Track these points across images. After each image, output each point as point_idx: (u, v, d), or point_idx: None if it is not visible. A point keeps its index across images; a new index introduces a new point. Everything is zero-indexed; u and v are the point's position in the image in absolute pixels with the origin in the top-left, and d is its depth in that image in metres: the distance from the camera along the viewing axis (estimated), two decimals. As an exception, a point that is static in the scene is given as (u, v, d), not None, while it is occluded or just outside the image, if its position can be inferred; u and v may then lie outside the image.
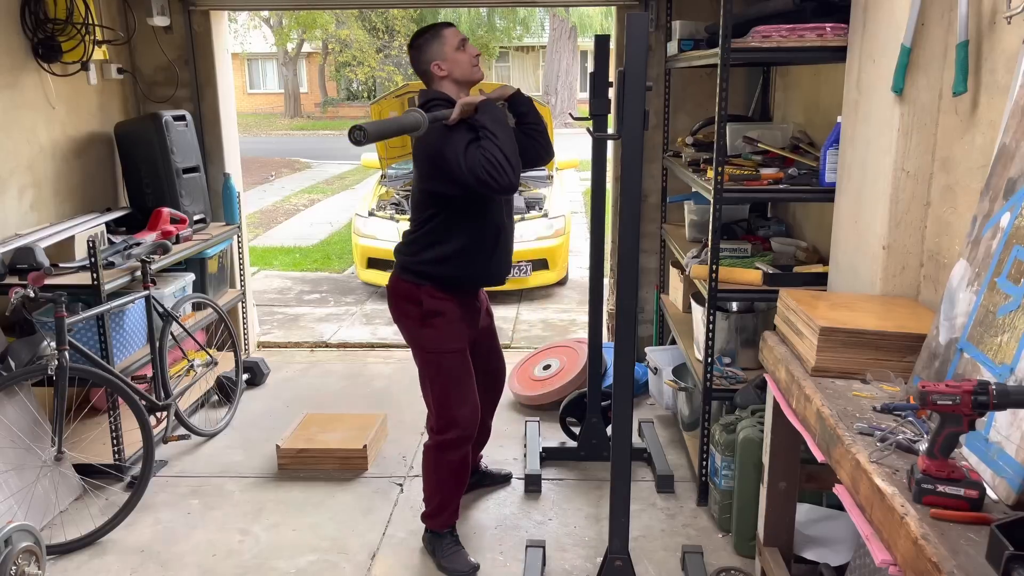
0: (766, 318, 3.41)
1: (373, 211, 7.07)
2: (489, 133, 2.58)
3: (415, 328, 2.89)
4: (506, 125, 2.67)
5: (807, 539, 2.73)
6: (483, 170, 2.51)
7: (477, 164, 2.52)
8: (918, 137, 2.40)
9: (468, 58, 2.77)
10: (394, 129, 2.34)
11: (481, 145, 2.56)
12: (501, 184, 2.55)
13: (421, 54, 2.77)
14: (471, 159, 2.53)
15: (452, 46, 2.75)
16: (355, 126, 2.11)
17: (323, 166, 17.43)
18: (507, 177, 2.54)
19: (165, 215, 4.09)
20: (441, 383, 2.89)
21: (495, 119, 2.63)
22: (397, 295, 2.92)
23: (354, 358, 5.30)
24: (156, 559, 3.02)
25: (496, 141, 2.56)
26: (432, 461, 2.96)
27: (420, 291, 2.84)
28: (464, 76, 2.77)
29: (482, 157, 2.52)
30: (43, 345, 3.23)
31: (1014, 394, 1.45)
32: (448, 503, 3.00)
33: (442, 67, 2.75)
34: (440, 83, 2.77)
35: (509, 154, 2.56)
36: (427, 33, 2.78)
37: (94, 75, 4.27)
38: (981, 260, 1.87)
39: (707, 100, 4.14)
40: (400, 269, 2.90)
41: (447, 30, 2.77)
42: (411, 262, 2.86)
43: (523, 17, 26.57)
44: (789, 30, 2.91)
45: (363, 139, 2.12)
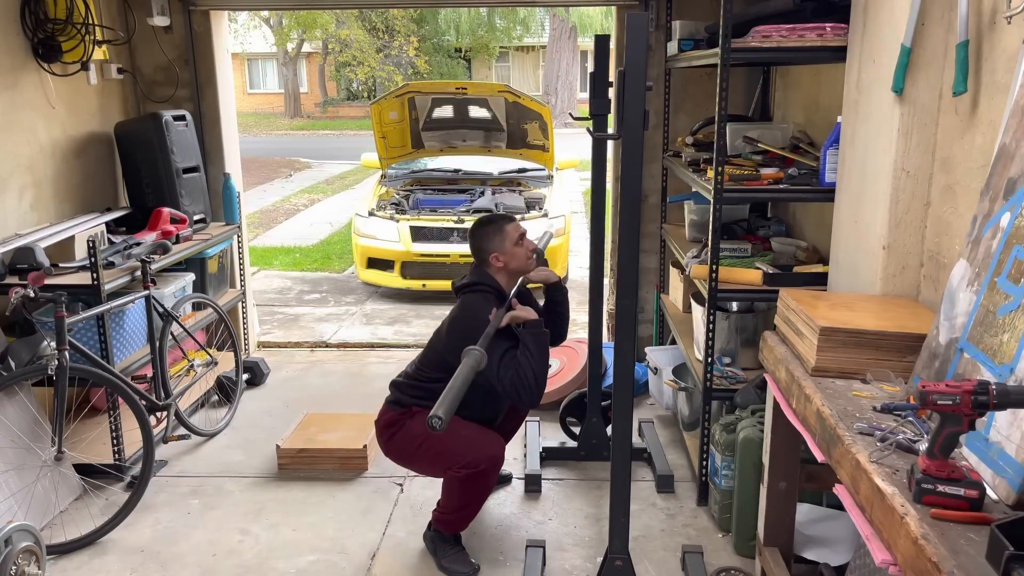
0: (766, 318, 3.41)
1: (373, 211, 7.07)
2: (529, 353, 2.76)
3: (415, 440, 2.90)
4: (546, 349, 2.85)
5: (807, 539, 2.73)
6: (511, 385, 2.73)
7: (509, 377, 2.73)
8: (918, 137, 2.40)
9: (525, 252, 2.97)
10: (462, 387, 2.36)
11: (518, 360, 2.75)
12: (524, 402, 2.77)
13: (482, 243, 2.96)
14: (506, 369, 2.73)
15: (512, 241, 2.94)
16: (432, 415, 2.21)
17: (323, 166, 17.43)
18: (532, 398, 2.76)
19: (165, 215, 4.09)
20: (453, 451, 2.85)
21: (538, 342, 2.81)
22: (386, 426, 2.97)
23: (354, 358, 5.30)
24: (156, 559, 3.02)
25: (532, 363, 2.75)
26: (463, 484, 2.88)
27: (408, 412, 2.92)
28: (519, 269, 2.98)
29: (515, 373, 2.73)
30: (43, 345, 3.23)
31: (1014, 394, 1.45)
32: (469, 517, 3.00)
33: (500, 259, 2.94)
34: (496, 272, 2.97)
35: (539, 377, 2.77)
36: (490, 226, 2.97)
37: (94, 75, 4.27)
38: (981, 260, 1.87)
39: (707, 100, 4.14)
40: (391, 402, 3.00)
41: (509, 226, 2.95)
42: (403, 398, 2.96)
43: (523, 17, 26.59)
44: (789, 30, 2.91)
45: (443, 425, 2.23)
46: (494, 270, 2.96)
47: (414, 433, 2.88)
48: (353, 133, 23.46)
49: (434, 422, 2.22)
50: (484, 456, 2.84)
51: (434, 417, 2.22)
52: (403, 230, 6.73)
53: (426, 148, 7.56)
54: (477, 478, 2.85)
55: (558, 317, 3.17)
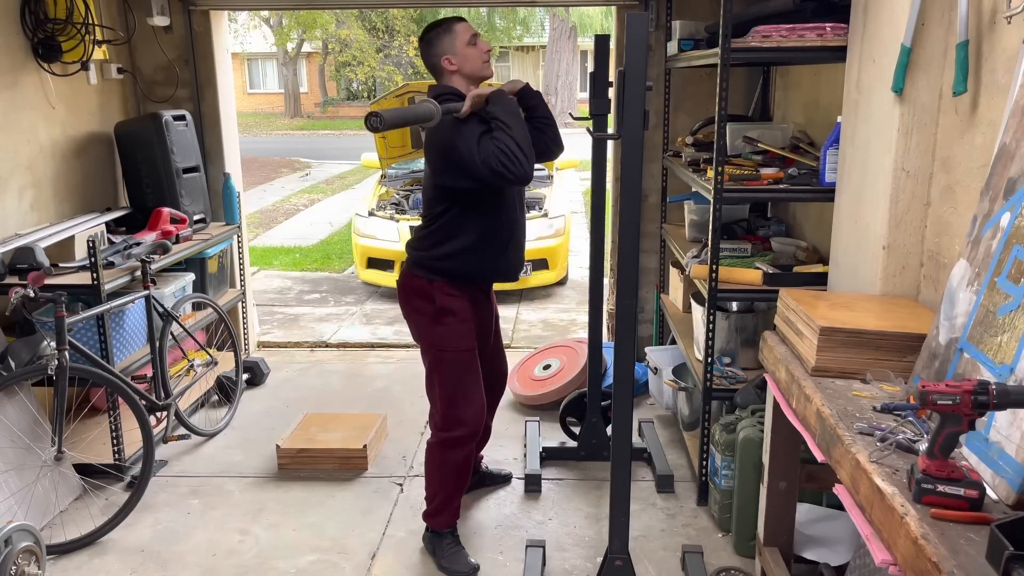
0: (766, 318, 3.41)
1: (373, 211, 7.07)
2: (502, 124, 2.57)
3: (426, 325, 2.88)
4: (519, 116, 2.67)
5: (807, 539, 2.73)
6: (497, 161, 2.52)
7: (491, 155, 2.52)
8: (918, 137, 2.40)
9: (479, 53, 2.77)
10: (409, 117, 2.35)
11: (495, 136, 2.56)
12: (516, 174, 2.55)
13: (431, 47, 2.77)
14: (484, 151, 2.53)
15: (463, 41, 2.75)
16: (372, 112, 2.14)
17: (323, 166, 17.43)
18: (521, 167, 2.54)
19: (165, 215, 4.09)
20: (449, 382, 2.88)
21: (508, 110, 2.62)
22: (409, 291, 2.90)
23: (354, 358, 5.30)
24: (156, 559, 3.02)
25: (509, 132, 2.56)
26: (436, 459, 2.96)
27: (432, 287, 2.82)
28: (474, 71, 2.78)
29: (496, 148, 2.52)
30: (43, 345, 3.23)
31: (1014, 394, 1.45)
32: (450, 502, 2.99)
33: (452, 61, 2.75)
34: (450, 78, 2.77)
35: (523, 144, 2.56)
36: (439, 27, 2.77)
37: (94, 75, 4.27)
38: (981, 260, 1.87)
39: (707, 100, 4.14)
40: (412, 264, 2.88)
41: (459, 24, 2.76)
42: (424, 257, 2.84)
43: (523, 17, 26.58)
44: (789, 30, 2.91)
45: (380, 125, 2.14)
46: (448, 76, 2.76)
47: (429, 330, 2.86)
48: (353, 133, 23.45)
49: (372, 120, 2.12)
50: (462, 418, 2.86)
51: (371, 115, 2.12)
52: (403, 230, 6.73)
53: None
54: (449, 446, 2.88)
55: (541, 122, 2.88)
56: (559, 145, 2.96)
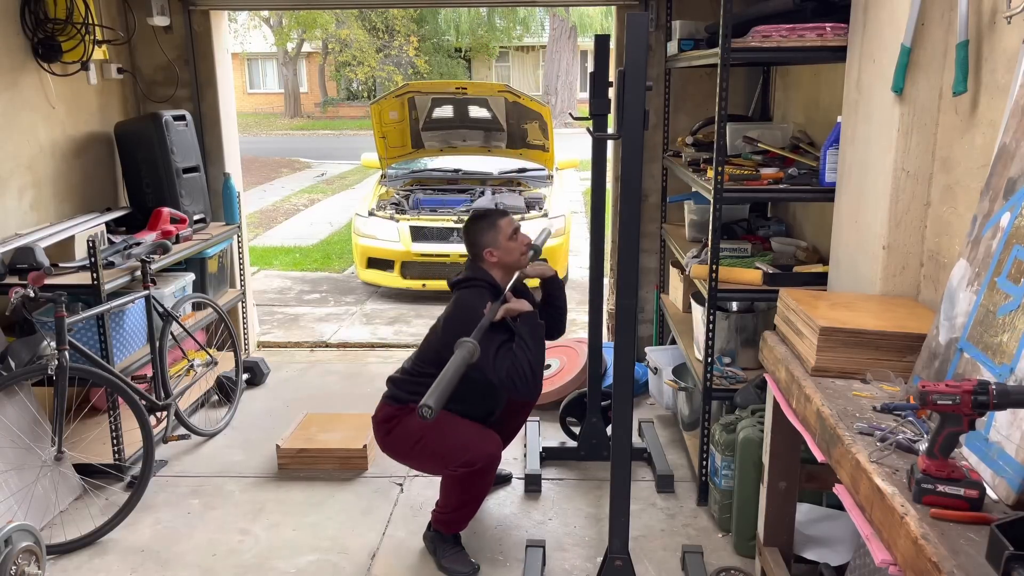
0: (766, 318, 3.41)
1: (373, 211, 7.07)
2: (525, 344, 2.77)
3: (411, 443, 2.89)
4: (541, 339, 2.86)
5: (807, 539, 2.73)
6: (508, 377, 2.73)
7: (505, 368, 2.72)
8: (918, 137, 2.40)
9: (519, 247, 2.96)
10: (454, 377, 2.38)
11: (514, 352, 2.75)
12: (521, 393, 2.79)
13: (475, 238, 2.96)
14: (501, 361, 2.73)
15: (506, 235, 2.93)
16: (422, 404, 2.23)
17: (323, 166, 17.43)
18: (529, 389, 2.77)
19: (165, 215, 4.09)
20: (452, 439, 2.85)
21: (533, 333, 2.81)
22: (384, 421, 2.97)
23: (354, 358, 5.30)
24: (156, 559, 3.02)
25: (528, 355, 2.75)
26: (461, 483, 2.88)
27: (405, 407, 2.90)
28: (513, 263, 2.98)
29: (512, 365, 2.73)
30: (43, 345, 3.23)
31: (1014, 394, 1.45)
32: (469, 516, 3.00)
33: (494, 254, 2.94)
34: (490, 267, 2.96)
35: (536, 368, 2.77)
36: (483, 221, 2.95)
37: (94, 75, 4.27)
38: (981, 260, 1.87)
39: (707, 100, 4.14)
40: (387, 398, 3.00)
41: (502, 220, 2.94)
42: (400, 394, 2.95)
43: (523, 17, 26.59)
44: (789, 30, 2.91)
45: (432, 415, 2.24)
46: (488, 265, 2.95)
47: (411, 429, 2.87)
48: (353, 133, 23.46)
49: (424, 411, 2.22)
50: (481, 454, 2.83)
51: (424, 406, 2.22)
52: (403, 230, 6.73)
53: (426, 148, 7.56)
54: (474, 477, 2.85)
55: (555, 311, 3.16)
56: (561, 332, 3.22)
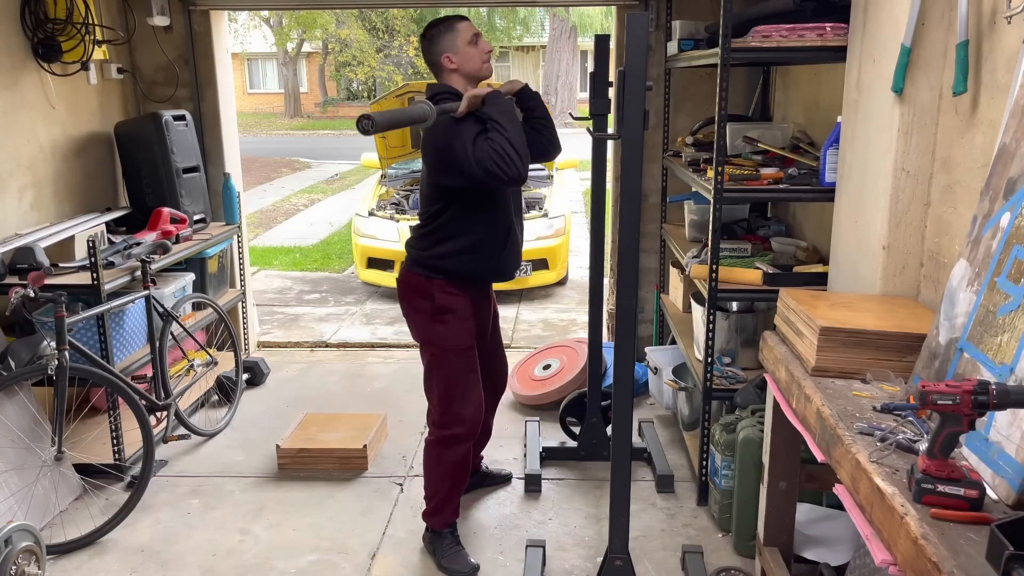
0: (766, 318, 3.41)
1: (373, 211, 7.07)
2: (497, 125, 2.57)
3: (425, 323, 2.88)
4: (514, 117, 2.67)
5: (807, 539, 2.73)
6: (491, 162, 2.52)
7: (485, 156, 2.52)
8: (918, 137, 2.40)
9: (479, 53, 2.77)
10: (402, 119, 2.34)
11: (489, 137, 2.56)
12: (510, 175, 2.55)
13: (432, 45, 2.77)
14: (479, 151, 2.53)
15: (464, 40, 2.75)
16: (363, 115, 2.12)
17: (323, 166, 17.42)
18: (516, 168, 2.55)
19: (165, 215, 4.09)
20: (448, 380, 2.88)
21: (503, 111, 2.62)
22: (408, 289, 2.91)
23: (354, 358, 5.30)
24: (156, 559, 3.02)
25: (504, 133, 2.56)
26: (434, 457, 2.96)
27: (432, 285, 2.83)
28: (474, 71, 2.78)
29: (490, 149, 2.53)
30: (43, 345, 3.23)
31: (1014, 394, 1.45)
32: (449, 500, 2.99)
33: (452, 60, 2.75)
34: (449, 76, 2.77)
35: (517, 145, 2.56)
36: (441, 24, 2.76)
37: (94, 75, 4.27)
38: (981, 260, 1.87)
39: (707, 100, 4.14)
40: (411, 262, 2.89)
41: (461, 23, 2.76)
42: (423, 256, 2.84)
43: (523, 17, 26.58)
44: (789, 30, 2.91)
45: (371, 128, 2.13)
46: (448, 75, 2.76)
47: (429, 327, 2.85)
48: (353, 133, 23.43)
49: (364, 123, 2.12)
50: (460, 416, 2.86)
51: (363, 117, 2.12)
52: (403, 230, 6.73)
53: (426, 148, 7.55)
54: (447, 443, 2.88)
55: (540, 123, 2.90)
56: (556, 146, 2.96)
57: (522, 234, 2.99)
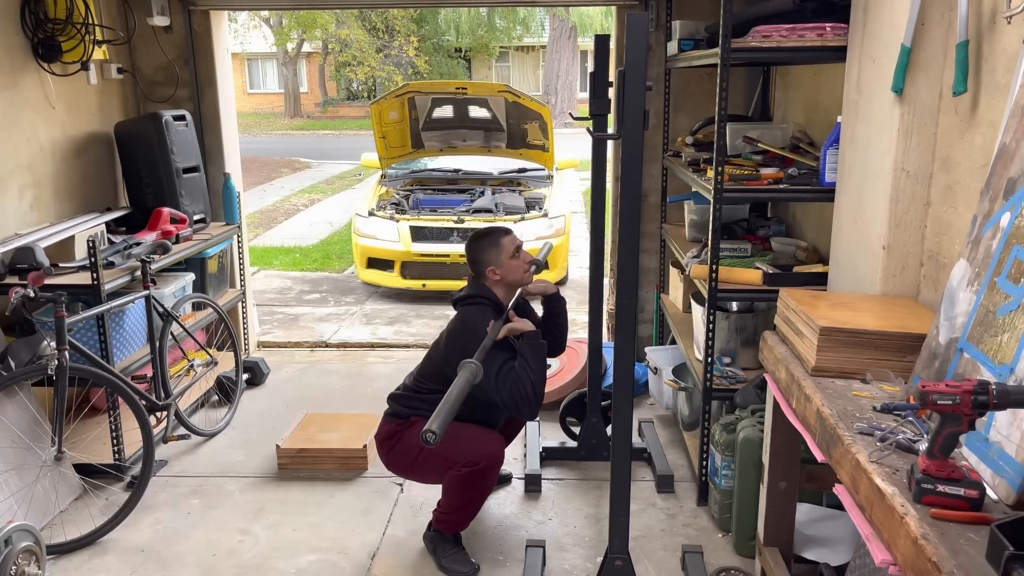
0: (766, 318, 3.41)
1: (373, 211, 7.07)
2: (527, 365, 2.78)
3: (414, 455, 2.89)
4: (543, 359, 2.87)
5: (807, 539, 2.73)
6: (510, 397, 2.74)
7: (507, 389, 2.74)
8: (918, 137, 2.40)
9: (522, 265, 2.97)
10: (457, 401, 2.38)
11: (516, 373, 2.76)
12: (523, 414, 2.79)
13: (478, 256, 2.96)
14: (503, 382, 2.74)
15: (508, 254, 2.94)
16: (426, 430, 2.23)
17: (323, 166, 17.43)
18: (531, 410, 2.77)
19: (165, 215, 4.09)
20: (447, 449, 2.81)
21: (536, 353, 2.82)
22: (387, 438, 2.97)
23: (354, 358, 5.30)
24: (156, 559, 3.02)
25: (530, 375, 2.76)
26: (464, 483, 2.87)
27: (407, 422, 2.91)
28: (516, 281, 2.98)
29: (514, 387, 2.74)
30: (43, 345, 3.23)
31: (1014, 394, 1.45)
32: (469, 516, 3.00)
33: (497, 272, 2.94)
34: (493, 285, 2.97)
35: (538, 388, 2.78)
36: (486, 239, 2.96)
37: (94, 75, 4.27)
38: (981, 260, 1.87)
39: (707, 100, 4.14)
40: (389, 415, 3.00)
41: (505, 239, 2.95)
42: (402, 410, 2.97)
43: (523, 17, 26.59)
44: (789, 30, 2.91)
45: (437, 439, 2.24)
46: (491, 283, 2.96)
47: (414, 442, 2.86)
48: (353, 133, 23.47)
49: (428, 436, 2.23)
50: (485, 454, 2.84)
51: (428, 432, 2.23)
52: (403, 230, 6.73)
53: (426, 148, 7.56)
54: (478, 476, 2.85)
55: (556, 328, 3.19)
56: (561, 349, 3.26)
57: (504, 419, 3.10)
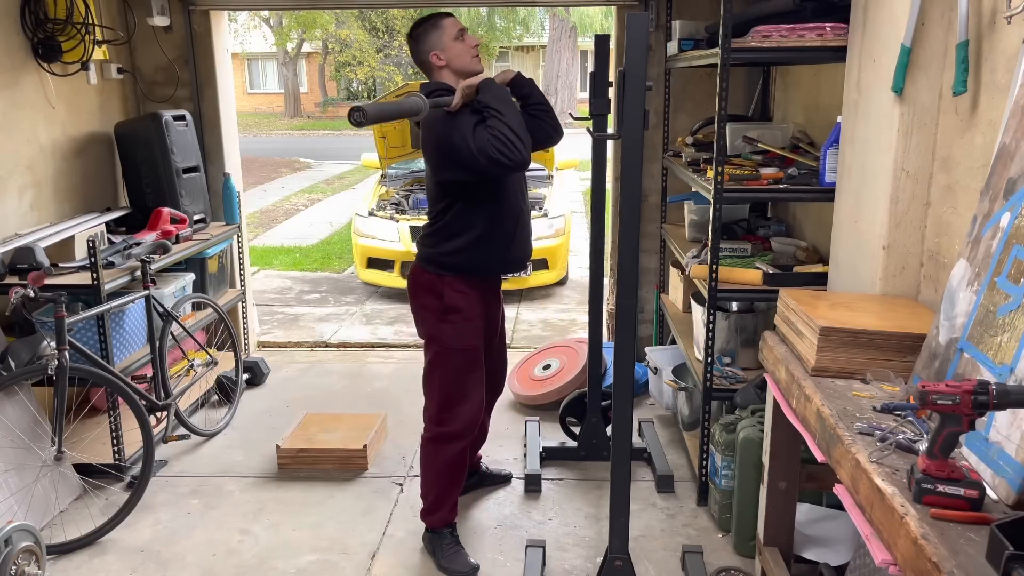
0: (766, 318, 3.41)
1: (373, 211, 7.07)
2: (494, 112, 2.56)
3: (433, 321, 2.87)
4: (511, 101, 2.66)
5: (807, 539, 2.73)
6: (493, 149, 2.50)
7: (486, 144, 2.51)
8: (918, 137, 2.40)
9: (467, 48, 2.76)
10: (394, 112, 2.31)
11: (488, 124, 2.54)
12: (513, 160, 2.53)
13: (419, 44, 2.77)
14: (480, 140, 2.52)
15: (451, 36, 2.74)
16: (355, 107, 2.12)
17: (323, 166, 17.42)
18: (518, 152, 2.53)
19: (165, 215, 4.09)
20: (449, 379, 2.88)
21: (499, 97, 2.61)
22: (418, 286, 2.90)
23: (354, 358, 5.30)
24: (156, 559, 3.02)
25: (503, 119, 2.54)
26: (430, 455, 2.95)
27: (442, 283, 2.82)
28: (463, 67, 2.76)
29: (491, 136, 2.51)
30: (43, 345, 3.23)
31: (1014, 394, 1.45)
32: (445, 499, 2.99)
33: (440, 57, 2.74)
34: (439, 73, 2.76)
35: (517, 129, 2.55)
36: (426, 23, 2.75)
37: (94, 75, 4.27)
38: (981, 260, 1.87)
39: (707, 100, 4.14)
40: (422, 260, 2.88)
41: (446, 20, 2.75)
42: (433, 253, 2.84)
43: (523, 17, 26.57)
44: (789, 30, 2.91)
45: (363, 120, 2.12)
46: (437, 72, 2.76)
47: (436, 326, 2.84)
48: (353, 133, 23.45)
49: (355, 115, 2.12)
50: (459, 414, 2.85)
51: (354, 109, 2.12)
52: (403, 230, 6.73)
53: (426, 148, 7.55)
54: (444, 441, 2.87)
55: (537, 108, 2.87)
56: (558, 131, 2.93)
57: (530, 222, 2.96)
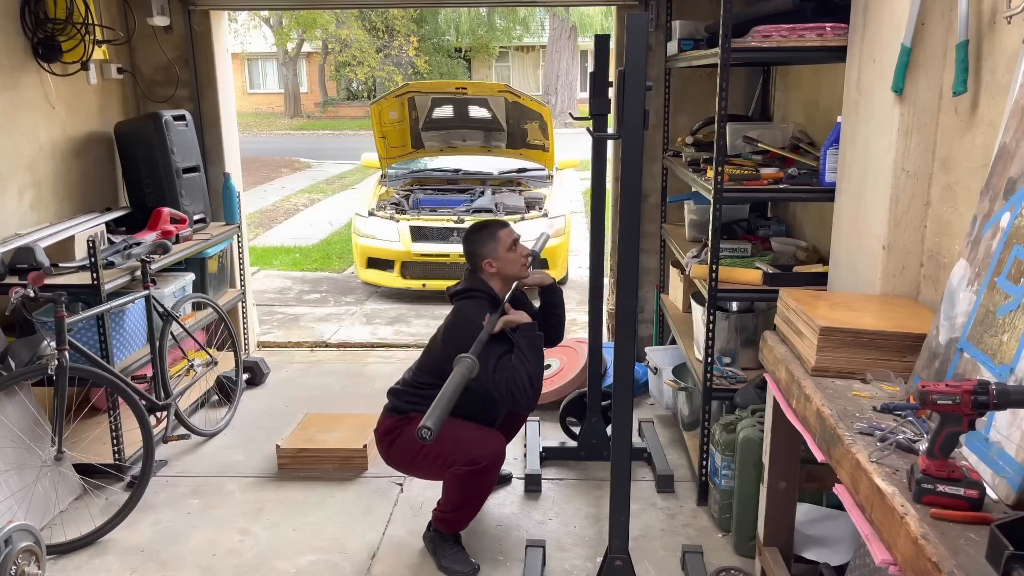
0: (766, 318, 3.41)
1: (373, 211, 7.07)
2: (523, 356, 2.78)
3: (424, 451, 2.86)
4: (540, 351, 2.87)
5: (807, 539, 2.73)
6: (507, 389, 2.74)
7: (504, 382, 2.74)
8: (918, 137, 2.40)
9: (518, 257, 2.97)
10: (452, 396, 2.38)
11: (513, 364, 2.77)
12: (520, 406, 2.82)
13: (475, 248, 2.97)
14: (501, 373, 2.75)
15: (505, 247, 2.94)
16: (421, 427, 2.23)
17: (323, 166, 17.42)
18: (528, 401, 2.78)
19: (165, 215, 4.08)
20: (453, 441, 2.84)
21: (532, 345, 2.83)
22: (384, 433, 2.97)
23: (354, 358, 5.30)
24: (156, 559, 3.02)
25: (527, 366, 2.77)
26: (464, 482, 2.87)
27: (406, 418, 2.91)
28: (512, 274, 2.98)
29: (511, 377, 2.74)
30: (43, 345, 3.23)
31: (1014, 394, 1.45)
32: (470, 515, 3.00)
33: (493, 265, 2.94)
34: (489, 278, 2.96)
35: (535, 380, 2.79)
36: (483, 232, 2.96)
37: (94, 75, 4.27)
38: (981, 260, 1.87)
39: (707, 100, 4.14)
40: (389, 410, 2.99)
41: (502, 231, 2.95)
42: (401, 405, 2.97)
43: (523, 17, 26.60)
44: (789, 30, 2.91)
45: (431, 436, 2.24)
46: (487, 275, 2.96)
47: (413, 439, 2.83)
48: (353, 133, 23.46)
49: (424, 433, 2.23)
50: (486, 453, 2.84)
51: (424, 428, 2.23)
52: (403, 230, 6.73)
53: (426, 148, 7.56)
54: (478, 475, 2.85)
55: (554, 319, 3.19)
56: (559, 340, 3.26)
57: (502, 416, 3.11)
